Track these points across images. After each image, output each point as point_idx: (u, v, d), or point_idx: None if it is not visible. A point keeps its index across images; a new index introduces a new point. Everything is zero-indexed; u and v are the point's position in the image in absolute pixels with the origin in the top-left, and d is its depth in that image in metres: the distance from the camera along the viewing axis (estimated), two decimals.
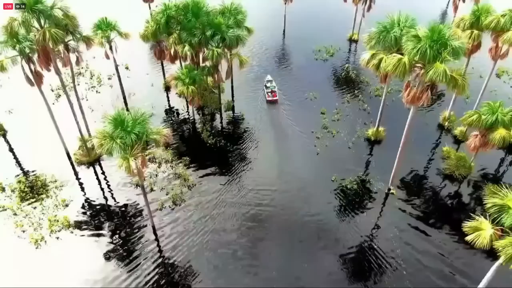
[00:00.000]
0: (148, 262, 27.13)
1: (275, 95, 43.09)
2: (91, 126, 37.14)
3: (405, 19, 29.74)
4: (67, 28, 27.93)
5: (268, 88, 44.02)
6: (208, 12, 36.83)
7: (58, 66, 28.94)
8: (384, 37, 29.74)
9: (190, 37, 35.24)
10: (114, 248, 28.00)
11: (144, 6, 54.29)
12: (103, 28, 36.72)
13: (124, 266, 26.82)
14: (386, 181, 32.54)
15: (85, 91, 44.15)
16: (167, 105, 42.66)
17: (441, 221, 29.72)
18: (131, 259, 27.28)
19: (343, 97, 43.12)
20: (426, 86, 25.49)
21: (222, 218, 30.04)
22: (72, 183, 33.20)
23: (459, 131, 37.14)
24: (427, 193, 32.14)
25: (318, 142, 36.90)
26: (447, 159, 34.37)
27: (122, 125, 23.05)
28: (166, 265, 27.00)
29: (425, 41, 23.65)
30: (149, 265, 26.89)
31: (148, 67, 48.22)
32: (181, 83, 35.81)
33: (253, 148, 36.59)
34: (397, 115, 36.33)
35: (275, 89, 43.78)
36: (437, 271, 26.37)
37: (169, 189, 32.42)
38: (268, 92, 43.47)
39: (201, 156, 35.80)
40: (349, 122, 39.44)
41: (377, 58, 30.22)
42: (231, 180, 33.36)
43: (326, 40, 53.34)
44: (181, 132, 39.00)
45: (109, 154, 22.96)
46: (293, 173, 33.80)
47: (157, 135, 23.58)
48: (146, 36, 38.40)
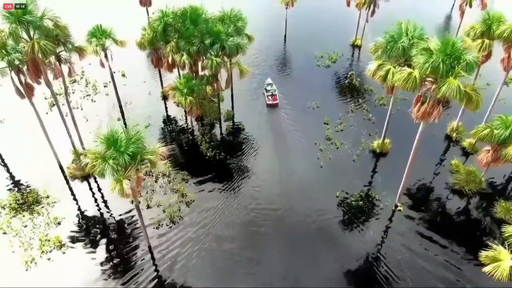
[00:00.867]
0: (144, 283, 25.75)
1: (276, 99, 42.20)
2: (86, 137, 35.82)
3: (413, 29, 28.31)
4: (58, 38, 26.52)
5: (268, 92, 43.06)
6: (207, 19, 35.42)
7: (48, 78, 27.49)
8: (392, 47, 28.35)
9: (188, 46, 33.78)
10: (108, 271, 26.58)
11: (141, 10, 52.93)
12: (98, 35, 35.25)
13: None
14: (393, 197, 31.19)
15: (80, 99, 42.69)
16: (164, 114, 41.22)
17: (451, 242, 28.27)
18: (126, 282, 25.89)
19: (347, 106, 41.70)
20: (437, 101, 24.12)
21: (220, 238, 28.61)
22: (65, 199, 31.76)
23: (467, 143, 35.76)
24: (436, 210, 30.73)
25: (321, 155, 35.48)
26: (456, 173, 32.99)
27: (115, 145, 21.62)
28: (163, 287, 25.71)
29: (437, 55, 22.25)
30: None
31: (145, 75, 46.76)
32: (179, 93, 34.42)
33: (254, 162, 35.12)
34: (403, 126, 35.20)
35: (276, 92, 42.86)
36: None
37: (166, 205, 31.01)
38: (268, 96, 42.54)
39: (199, 169, 34.34)
40: (353, 133, 38.02)
41: (384, 70, 28.84)
42: (230, 197, 31.90)
43: (328, 45, 51.90)
44: (179, 143, 37.55)
45: (101, 176, 21.54)
46: (295, 189, 32.33)
47: (153, 156, 22.15)
48: (142, 44, 36.95)
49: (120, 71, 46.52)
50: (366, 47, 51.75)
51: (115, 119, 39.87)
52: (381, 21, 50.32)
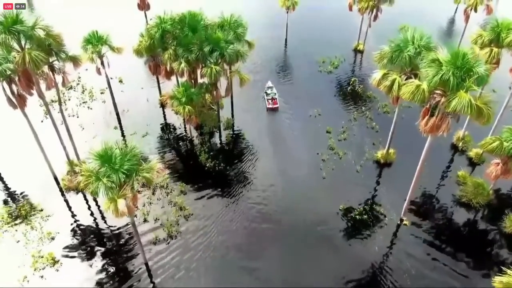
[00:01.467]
0: None
1: (276, 103, 41.65)
2: (82, 146, 34.62)
3: (420, 37, 27.31)
4: (51, 48, 25.48)
5: (268, 95, 42.46)
6: (206, 26, 34.43)
7: (41, 89, 26.46)
8: (397, 56, 27.36)
9: (187, 54, 32.75)
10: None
11: (140, 15, 52.08)
12: (94, 42, 34.26)
13: None
14: (398, 210, 30.17)
15: (76, 107, 41.65)
16: (162, 122, 40.20)
17: (459, 260, 27.23)
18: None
19: (350, 113, 40.67)
20: (446, 113, 23.11)
21: (219, 253, 27.58)
22: (60, 212, 30.69)
23: (474, 153, 34.75)
24: (443, 225, 29.67)
25: (324, 165, 34.45)
26: (463, 185, 31.99)
27: (109, 162, 20.57)
28: None
29: (447, 67, 21.25)
30: None
31: (143, 81, 45.65)
32: (177, 102, 33.42)
33: (254, 173, 34.04)
34: (408, 135, 34.28)
35: (276, 96, 42.32)
36: None
37: (164, 219, 29.96)
38: (268, 99, 41.95)
39: (198, 181, 33.29)
40: (357, 142, 36.99)
41: (389, 79, 27.87)
42: (230, 210, 30.80)
43: (330, 50, 50.89)
44: (178, 153, 36.50)
45: (94, 195, 20.49)
46: (297, 202, 31.22)
47: (149, 173, 21.09)
48: (139, 51, 35.91)
49: (118, 77, 45.50)
50: (369, 52, 51.02)
51: (111, 128, 38.85)
52: (383, 25, 49.74)
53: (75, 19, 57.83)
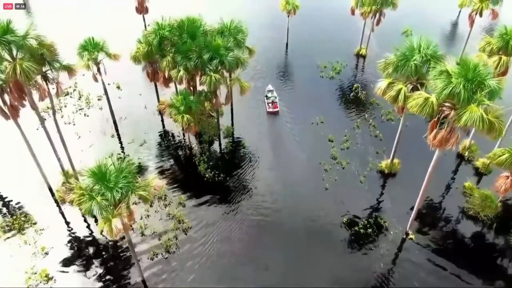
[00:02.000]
0: None
1: (276, 106, 41.09)
2: (78, 155, 34.04)
3: (427, 45, 26.35)
4: (44, 57, 24.52)
5: (269, 99, 41.81)
6: (206, 32, 33.46)
7: (33, 100, 25.49)
8: (403, 65, 26.40)
9: (186, 61, 31.75)
10: None
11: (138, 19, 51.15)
12: (90, 49, 33.31)
13: None
14: (403, 223, 29.25)
15: (72, 114, 40.64)
16: (161, 129, 39.19)
17: (467, 275, 26.31)
18: None
19: (352, 121, 39.68)
20: (456, 127, 22.17)
21: (219, 268, 26.65)
22: (54, 225, 29.72)
23: (481, 163, 33.78)
24: (450, 239, 28.76)
25: (326, 176, 33.49)
26: (470, 197, 31.04)
27: (103, 180, 19.62)
28: None
29: (457, 79, 20.31)
30: None
31: (141, 87, 44.49)
32: (175, 111, 32.46)
33: (255, 184, 33.03)
34: (412, 143, 33.51)
35: (276, 99, 41.74)
36: None
37: (162, 233, 29.02)
38: (268, 103, 41.36)
39: (197, 192, 32.31)
40: (360, 151, 36.02)
41: (395, 89, 26.97)
42: (230, 223, 29.79)
43: (331, 54, 49.85)
44: (177, 163, 35.48)
45: (88, 214, 19.56)
46: (299, 215, 30.27)
47: (145, 191, 20.13)
48: (137, 58, 34.92)
49: (115, 83, 44.44)
50: (371, 57, 50.12)
51: (108, 136, 37.89)
52: (386, 29, 48.75)
53: (71, 22, 56.88)
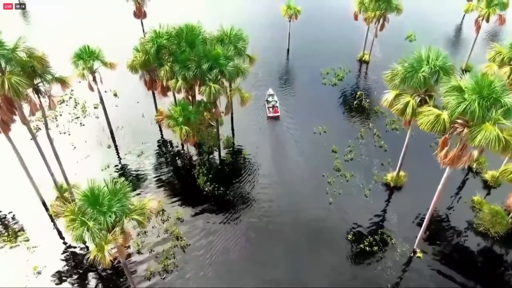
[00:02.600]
0: None
1: (277, 111, 40.31)
2: (73, 167, 33.00)
3: (436, 56, 25.21)
4: (35, 70, 23.35)
5: (269, 103, 41.00)
6: (205, 40, 32.29)
7: (24, 115, 24.34)
8: (412, 76, 25.25)
9: (184, 71, 30.59)
10: None
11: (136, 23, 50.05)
12: (85, 58, 32.16)
13: None
14: (410, 240, 28.15)
15: (67, 123, 39.45)
16: (159, 139, 38.01)
17: None
18: None
19: (356, 130, 38.48)
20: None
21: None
22: (47, 242, 28.56)
23: (490, 176, 32.65)
24: (458, 256, 27.68)
25: (330, 189, 32.35)
26: (479, 212, 29.93)
27: (96, 203, 18.46)
28: None
29: (471, 96, 19.18)
30: None
31: (139, 94, 43.03)
32: (173, 122, 31.30)
33: (257, 198, 31.87)
34: (418, 154, 32.45)
35: (277, 104, 40.96)
36: None
37: (160, 250, 27.89)
38: (269, 108, 40.54)
39: (196, 207, 31.14)
40: (364, 163, 34.87)
41: (402, 102, 25.86)
42: (231, 240, 28.67)
43: (334, 60, 48.62)
44: (175, 175, 34.23)
45: (79, 240, 18.40)
46: (302, 231, 29.17)
47: (141, 215, 19.00)
48: (134, 67, 33.75)
49: (112, 90, 43.27)
50: (375, 62, 49.02)
51: (105, 146, 36.73)
52: (389, 33, 47.50)
53: (68, 26, 55.73)
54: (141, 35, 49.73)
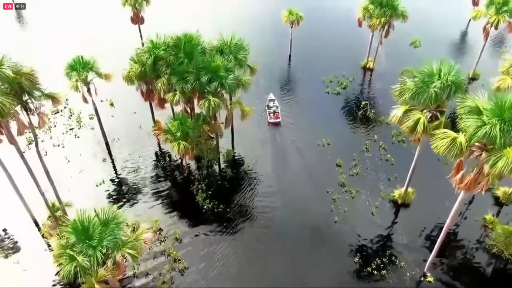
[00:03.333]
0: None
1: (278, 117, 39.34)
2: (66, 182, 31.81)
3: (448, 70, 23.84)
4: (23, 87, 21.93)
5: (270, 109, 39.98)
6: (204, 51, 30.84)
7: (12, 134, 22.92)
8: (423, 91, 23.83)
9: (182, 83, 29.18)
10: None
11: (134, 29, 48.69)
12: (78, 69, 30.75)
13: None
14: (419, 262, 26.77)
15: (61, 135, 38.00)
16: (157, 151, 36.62)
17: None
18: None
19: (361, 143, 37.00)
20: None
21: None
22: (39, 265, 27.06)
23: (502, 192, 31.26)
24: (471, 281, 26.27)
25: (335, 206, 30.94)
26: (492, 232, 28.55)
27: (85, 236, 17.07)
28: None
29: (491, 119, 17.77)
30: None
31: (136, 104, 40.85)
32: (171, 136, 29.89)
33: (258, 217, 30.41)
34: (426, 169, 30.94)
35: (278, 109, 39.95)
36: None
37: (156, 274, 26.45)
38: (270, 113, 39.55)
39: (195, 226, 29.71)
40: (371, 178, 33.44)
41: (412, 119, 24.43)
42: (230, 262, 27.23)
43: (337, 68, 47.16)
44: (173, 192, 32.74)
45: (67, 277, 16.97)
46: (306, 253, 27.76)
47: (134, 249, 17.57)
48: (129, 78, 32.34)
49: (108, 100, 41.85)
50: (379, 70, 47.62)
51: (100, 160, 35.31)
52: (393, 39, 45.90)
53: (65, 30, 54.40)
54: (139, 41, 48.46)
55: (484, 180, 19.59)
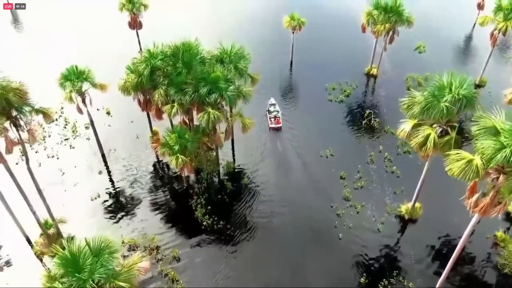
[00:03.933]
0: None
1: (279, 122, 38.54)
2: (60, 197, 30.73)
3: (460, 83, 22.66)
4: (11, 103, 20.75)
5: (271, 113, 39.20)
6: (203, 60, 29.67)
7: (0, 153, 21.73)
8: (433, 107, 22.66)
9: (180, 95, 27.99)
10: None
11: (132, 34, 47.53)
12: (73, 79, 29.59)
13: None
14: (428, 284, 25.59)
15: (56, 145, 36.80)
16: (155, 162, 35.40)
17: None
18: None
19: (366, 154, 35.77)
20: None
21: None
22: (31, 283, 25.94)
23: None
24: None
25: (339, 222, 29.75)
26: (503, 250, 27.38)
27: (75, 268, 15.86)
28: None
29: (510, 141, 16.59)
30: None
31: (133, 112, 39.32)
32: (169, 150, 28.70)
33: (259, 234, 29.21)
34: (433, 181, 29.35)
35: (279, 114, 39.15)
36: None
37: None
38: (271, 118, 38.77)
39: (194, 244, 28.52)
40: (376, 191, 32.25)
41: (422, 135, 23.26)
42: (232, 282, 26.09)
43: (339, 74, 45.91)
44: (171, 207, 31.57)
45: None
46: (309, 274, 26.52)
47: (127, 282, 16.36)
48: (126, 89, 31.17)
49: (105, 108, 40.64)
50: (383, 77, 46.43)
51: (95, 172, 34.11)
52: (396, 44, 44.65)
53: (61, 35, 53.21)
54: (137, 46, 47.33)
55: (502, 203, 18.45)
